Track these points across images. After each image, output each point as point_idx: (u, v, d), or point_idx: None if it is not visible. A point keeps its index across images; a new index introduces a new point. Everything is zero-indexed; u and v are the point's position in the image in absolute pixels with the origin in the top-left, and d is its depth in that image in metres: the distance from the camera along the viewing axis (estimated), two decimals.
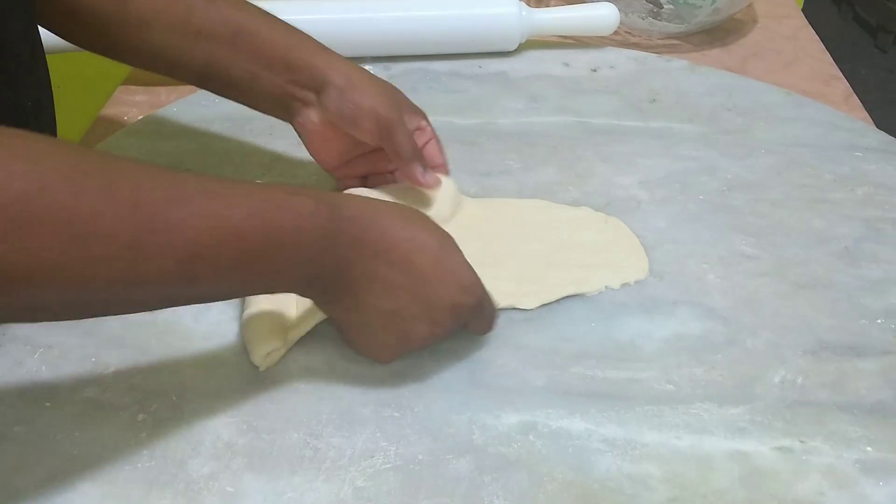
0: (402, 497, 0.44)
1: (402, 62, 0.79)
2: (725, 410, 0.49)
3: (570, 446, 0.46)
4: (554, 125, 0.72)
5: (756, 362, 0.52)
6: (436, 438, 0.47)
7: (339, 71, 0.56)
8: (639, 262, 0.58)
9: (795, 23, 0.93)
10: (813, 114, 0.74)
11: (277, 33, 0.57)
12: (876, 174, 0.67)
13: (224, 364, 0.50)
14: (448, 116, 0.72)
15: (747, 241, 0.60)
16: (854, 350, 0.53)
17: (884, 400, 0.50)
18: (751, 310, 0.55)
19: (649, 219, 0.62)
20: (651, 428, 0.48)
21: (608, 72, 0.80)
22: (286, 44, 0.57)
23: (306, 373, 0.50)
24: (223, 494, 0.44)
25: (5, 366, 0.50)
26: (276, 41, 0.56)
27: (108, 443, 0.46)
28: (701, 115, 0.74)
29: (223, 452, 0.46)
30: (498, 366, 0.51)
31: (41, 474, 0.44)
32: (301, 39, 0.57)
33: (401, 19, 0.78)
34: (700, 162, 0.68)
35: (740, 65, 0.84)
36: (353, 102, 0.56)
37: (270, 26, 0.57)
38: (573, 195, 0.64)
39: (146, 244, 0.38)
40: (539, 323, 0.54)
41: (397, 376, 0.50)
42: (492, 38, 0.80)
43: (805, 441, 0.47)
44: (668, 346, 0.52)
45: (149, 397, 0.48)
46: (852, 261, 0.59)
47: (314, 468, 0.45)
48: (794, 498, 0.44)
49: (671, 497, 0.44)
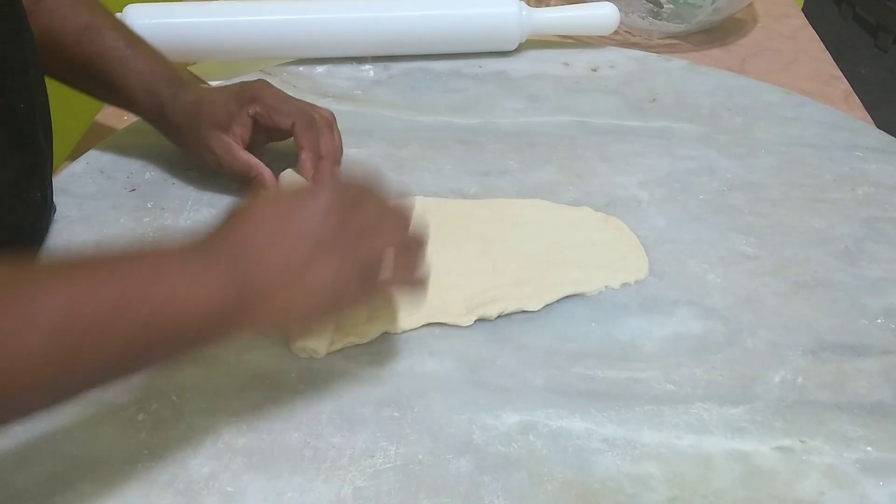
0: (402, 497, 0.44)
1: (402, 62, 0.79)
2: (725, 410, 0.49)
3: (570, 446, 0.46)
4: (554, 125, 0.72)
5: (756, 362, 0.52)
6: (436, 438, 0.47)
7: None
8: (639, 262, 0.58)
9: (795, 23, 0.93)
10: (813, 114, 0.74)
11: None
12: (876, 174, 0.67)
13: (224, 364, 0.50)
14: (448, 116, 0.72)
15: (747, 241, 0.60)
16: (854, 350, 0.53)
17: (884, 400, 0.50)
18: (751, 310, 0.55)
19: (649, 219, 0.62)
20: (651, 428, 0.48)
21: (608, 71, 0.80)
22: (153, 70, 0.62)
23: (306, 373, 0.50)
24: (223, 494, 0.44)
25: None
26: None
27: (108, 443, 0.46)
28: (701, 114, 0.74)
29: (223, 452, 0.46)
30: (498, 366, 0.51)
31: (41, 474, 0.44)
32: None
33: (401, 19, 0.78)
34: (700, 162, 0.68)
35: (740, 65, 0.84)
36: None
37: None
38: (573, 195, 0.64)
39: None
40: (539, 323, 0.54)
41: (397, 376, 0.50)
42: (492, 38, 0.80)
43: (805, 441, 0.47)
44: (668, 345, 0.52)
45: (149, 397, 0.48)
46: (852, 261, 0.59)
47: (314, 468, 0.45)
48: (794, 498, 0.44)
49: (671, 497, 0.44)
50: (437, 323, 0.53)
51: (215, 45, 0.76)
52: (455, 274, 0.56)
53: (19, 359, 0.36)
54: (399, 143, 0.68)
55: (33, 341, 0.36)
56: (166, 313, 0.39)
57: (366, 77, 0.77)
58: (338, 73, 0.78)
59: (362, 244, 0.44)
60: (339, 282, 0.43)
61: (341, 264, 0.43)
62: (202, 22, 0.76)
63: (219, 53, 0.78)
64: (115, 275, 0.39)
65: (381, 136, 0.70)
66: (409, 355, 0.51)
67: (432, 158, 0.67)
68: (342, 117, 0.65)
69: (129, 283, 0.39)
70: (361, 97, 0.75)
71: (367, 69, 0.78)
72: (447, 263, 0.57)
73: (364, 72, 0.78)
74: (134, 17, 0.73)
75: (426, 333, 0.53)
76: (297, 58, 0.79)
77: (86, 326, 0.37)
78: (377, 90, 0.76)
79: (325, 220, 0.43)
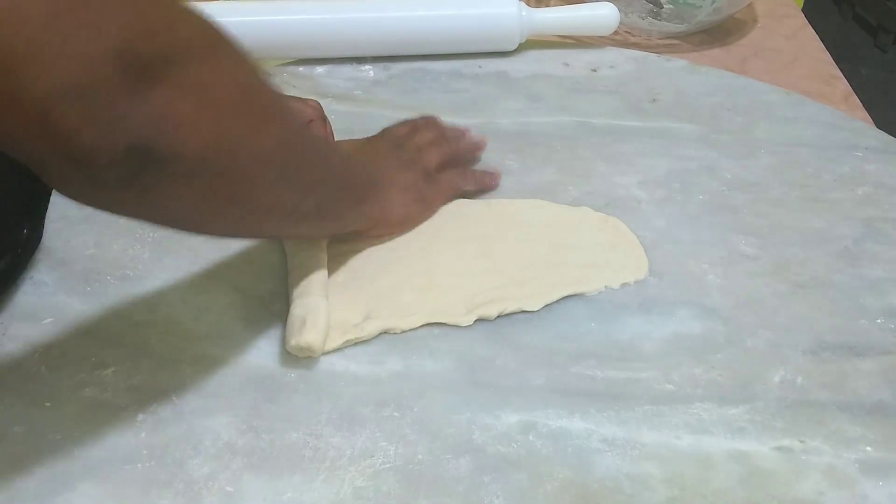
0: (401, 497, 0.44)
1: (402, 62, 0.79)
2: (725, 410, 0.49)
3: (570, 446, 0.46)
4: (554, 125, 0.72)
5: (756, 362, 0.52)
6: (435, 438, 0.47)
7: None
8: (638, 262, 0.58)
9: (795, 23, 0.93)
10: (813, 114, 0.74)
11: None
12: (876, 174, 0.67)
13: (224, 364, 0.50)
14: (448, 116, 0.72)
15: (747, 241, 0.60)
16: (854, 350, 0.53)
17: (884, 400, 0.50)
18: (751, 310, 0.55)
19: (649, 219, 0.62)
20: (651, 428, 0.48)
21: (608, 72, 0.80)
22: None
23: (306, 373, 0.50)
24: (223, 494, 0.44)
25: (5, 366, 0.50)
26: None
27: (108, 443, 0.46)
28: (701, 115, 0.74)
29: (223, 452, 0.46)
30: (498, 366, 0.51)
31: (41, 474, 0.44)
32: None
33: (401, 19, 0.78)
34: (700, 162, 0.68)
35: (740, 65, 0.84)
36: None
37: None
38: (573, 195, 0.64)
39: (330, 150, 0.51)
40: (539, 323, 0.54)
41: (397, 376, 0.50)
42: (492, 38, 0.80)
43: (805, 441, 0.47)
44: (668, 346, 0.52)
45: (149, 397, 0.48)
46: (852, 261, 0.59)
47: (314, 468, 0.45)
48: (794, 498, 0.44)
49: (671, 497, 0.44)
50: (436, 323, 0.53)
51: None
52: (455, 274, 0.56)
53: (308, 185, 0.46)
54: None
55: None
56: (352, 165, 0.54)
57: (366, 77, 0.77)
58: (338, 73, 0.78)
59: (421, 156, 0.60)
60: (416, 183, 0.59)
61: (412, 172, 0.59)
62: None
63: None
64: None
65: None
66: (409, 355, 0.51)
67: None
68: (342, 117, 0.66)
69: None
70: (361, 97, 0.75)
71: (367, 69, 0.78)
72: (447, 263, 0.57)
73: (364, 72, 0.78)
74: None
75: (426, 333, 0.53)
76: (297, 58, 0.79)
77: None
78: (377, 90, 0.76)
79: (394, 146, 0.61)
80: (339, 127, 0.65)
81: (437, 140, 0.63)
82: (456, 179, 0.63)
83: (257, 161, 0.39)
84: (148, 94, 0.31)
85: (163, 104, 0.32)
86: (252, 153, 0.38)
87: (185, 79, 0.33)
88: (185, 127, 0.33)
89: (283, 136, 0.41)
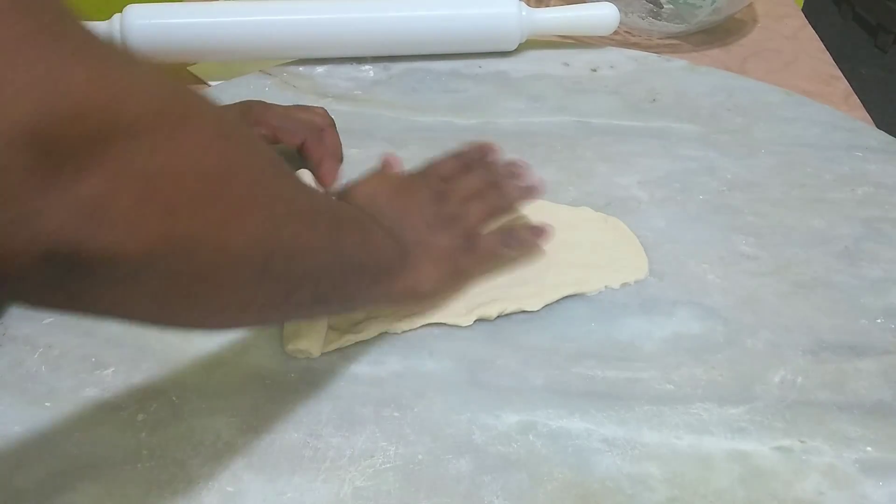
0: (401, 497, 0.44)
1: (402, 62, 0.79)
2: (725, 410, 0.49)
3: (570, 446, 0.46)
4: (554, 125, 0.72)
5: (756, 362, 0.52)
6: (435, 438, 0.47)
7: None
8: (638, 262, 0.58)
9: (795, 23, 0.93)
10: (813, 114, 0.74)
11: None
12: (876, 174, 0.67)
13: (224, 364, 0.50)
14: (448, 116, 0.72)
15: (747, 241, 0.60)
16: (854, 350, 0.53)
17: (884, 400, 0.50)
18: (751, 310, 0.55)
19: (649, 219, 0.62)
20: (651, 428, 0.48)
21: (608, 72, 0.80)
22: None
23: (306, 373, 0.50)
24: (223, 494, 0.44)
25: (5, 366, 0.50)
26: None
27: (108, 443, 0.46)
28: (701, 115, 0.74)
29: (223, 452, 0.46)
30: (498, 366, 0.51)
31: (41, 474, 0.44)
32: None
33: (401, 19, 0.78)
34: (700, 162, 0.68)
35: (740, 65, 0.84)
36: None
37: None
38: (573, 195, 0.64)
39: (339, 230, 0.40)
40: (539, 323, 0.54)
41: (397, 376, 0.50)
42: (492, 38, 0.80)
43: (805, 441, 0.47)
44: (668, 346, 0.52)
45: (149, 397, 0.48)
46: (852, 261, 0.59)
47: (314, 468, 0.45)
48: (794, 498, 0.44)
49: (671, 497, 0.44)
50: (436, 323, 0.53)
51: (215, 46, 0.76)
52: None
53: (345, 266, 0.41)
54: (399, 144, 0.68)
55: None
56: (371, 240, 0.45)
57: (366, 77, 0.77)
58: (338, 73, 0.78)
59: (465, 210, 0.53)
60: (452, 251, 0.51)
61: (451, 235, 0.52)
62: (202, 22, 0.76)
63: (219, 53, 0.78)
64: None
65: (381, 136, 0.70)
66: (409, 355, 0.51)
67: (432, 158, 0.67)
68: (342, 117, 0.66)
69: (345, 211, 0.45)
70: (361, 97, 0.75)
71: (367, 69, 0.78)
72: None
73: (364, 72, 0.78)
74: (134, 17, 0.73)
75: (426, 333, 0.53)
76: (297, 58, 0.79)
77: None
78: (377, 90, 0.76)
79: (436, 195, 0.53)
80: (339, 127, 0.65)
81: (486, 189, 0.55)
82: (498, 246, 0.54)
83: (225, 259, 0.32)
84: (71, 185, 0.25)
85: (92, 198, 0.26)
86: (217, 250, 0.31)
87: (126, 165, 0.26)
88: (122, 225, 0.27)
89: (265, 228, 0.34)
